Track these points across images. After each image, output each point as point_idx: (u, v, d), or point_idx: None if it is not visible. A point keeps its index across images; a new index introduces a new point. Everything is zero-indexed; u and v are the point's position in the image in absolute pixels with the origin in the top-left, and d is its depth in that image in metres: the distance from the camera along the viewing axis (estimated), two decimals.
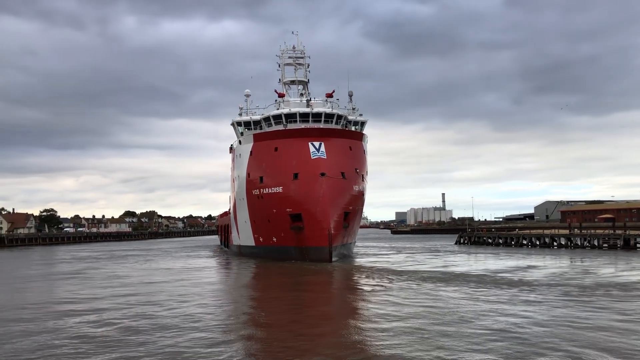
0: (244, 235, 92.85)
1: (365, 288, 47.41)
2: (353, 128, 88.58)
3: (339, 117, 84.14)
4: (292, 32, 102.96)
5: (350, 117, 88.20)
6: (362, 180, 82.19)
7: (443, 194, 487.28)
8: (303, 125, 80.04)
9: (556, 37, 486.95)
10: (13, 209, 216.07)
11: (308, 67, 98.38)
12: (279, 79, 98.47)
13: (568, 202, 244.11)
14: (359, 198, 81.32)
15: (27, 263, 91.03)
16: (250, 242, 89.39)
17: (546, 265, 64.48)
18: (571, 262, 70.26)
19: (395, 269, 62.89)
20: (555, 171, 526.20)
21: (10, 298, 45.26)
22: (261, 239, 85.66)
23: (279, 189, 76.75)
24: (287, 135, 78.58)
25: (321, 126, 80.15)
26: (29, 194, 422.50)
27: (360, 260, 77.51)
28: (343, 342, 25.68)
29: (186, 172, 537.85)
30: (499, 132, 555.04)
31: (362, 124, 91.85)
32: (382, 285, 48.08)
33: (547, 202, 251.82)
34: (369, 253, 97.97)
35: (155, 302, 39.44)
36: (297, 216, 75.25)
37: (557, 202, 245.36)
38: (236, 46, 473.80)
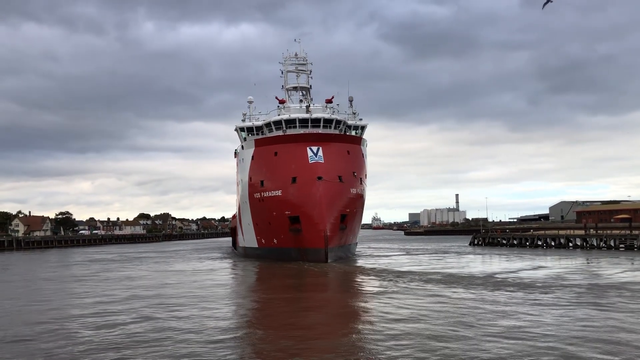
0: (248, 237, 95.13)
1: (350, 290, 48.65)
2: (353, 132, 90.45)
3: (338, 122, 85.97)
4: (295, 40, 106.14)
5: (350, 122, 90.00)
6: (361, 184, 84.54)
7: (457, 195, 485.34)
8: (302, 131, 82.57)
9: (573, 37, 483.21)
10: (29, 212, 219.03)
11: (310, 74, 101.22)
12: (282, 85, 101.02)
13: (583, 202, 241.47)
14: (357, 200, 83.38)
15: (43, 265, 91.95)
16: (254, 243, 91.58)
17: (553, 266, 63.94)
18: (584, 262, 69.61)
19: (391, 270, 63.49)
20: (571, 171, 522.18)
21: (26, 301, 45.56)
22: (263, 241, 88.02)
23: (279, 193, 79.45)
24: (287, 141, 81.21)
25: (320, 131, 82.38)
26: (45, 197, 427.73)
27: (359, 262, 78.42)
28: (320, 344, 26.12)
29: (200, 175, 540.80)
30: (514, 133, 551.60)
31: (362, 128, 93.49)
32: (366, 287, 49.46)
33: (562, 203, 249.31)
34: (374, 254, 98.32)
35: (162, 304, 39.82)
36: (295, 218, 77.81)
37: (573, 202, 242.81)
38: (252, 49, 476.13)
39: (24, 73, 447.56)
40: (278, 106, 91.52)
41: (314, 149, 78.01)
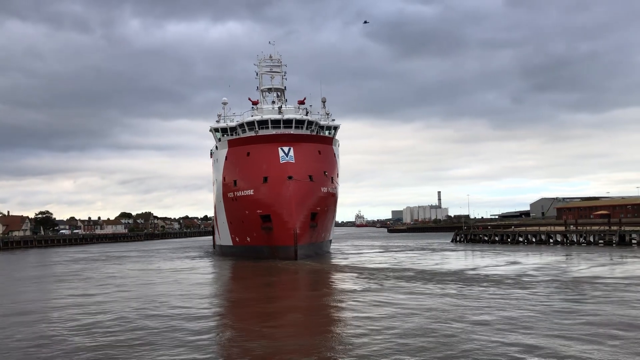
0: (223, 235, 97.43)
1: (315, 288, 49.89)
2: (326, 133, 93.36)
3: (310, 122, 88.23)
4: (270, 42, 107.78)
5: (322, 123, 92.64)
6: (332, 182, 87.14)
7: (439, 192, 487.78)
8: (274, 131, 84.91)
9: (557, 36, 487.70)
10: (8, 212, 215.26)
11: (285, 75, 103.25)
12: (257, 87, 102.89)
13: (564, 198, 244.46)
14: (328, 199, 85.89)
15: (23, 266, 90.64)
16: (229, 242, 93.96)
17: (526, 262, 65.25)
18: (558, 258, 70.64)
19: (361, 267, 65.25)
20: (552, 168, 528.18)
21: (6, 302, 44.93)
22: (237, 239, 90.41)
23: (251, 192, 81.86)
24: (259, 141, 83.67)
25: (292, 132, 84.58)
26: (26, 196, 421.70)
27: (331, 259, 80.00)
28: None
29: (184, 173, 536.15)
30: (498, 130, 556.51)
31: (335, 128, 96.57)
32: (331, 284, 51.06)
33: (543, 199, 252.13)
34: (350, 252, 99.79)
35: (136, 303, 39.95)
36: (267, 217, 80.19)
37: (553, 199, 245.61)
38: (239, 47, 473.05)
39: (7, 71, 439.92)
40: (252, 107, 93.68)
41: (285, 149, 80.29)
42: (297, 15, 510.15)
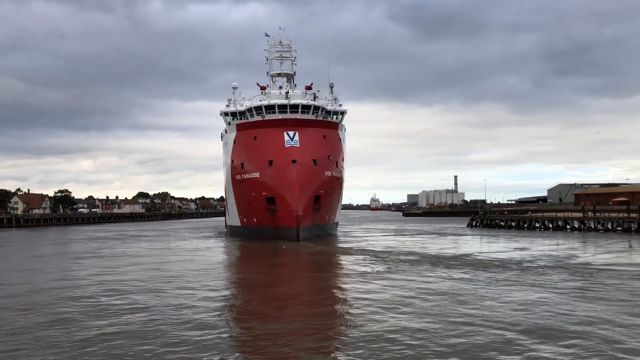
0: (232, 216, 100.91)
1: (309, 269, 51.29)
2: (333, 118, 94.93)
3: (316, 107, 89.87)
4: (280, 28, 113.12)
5: (329, 108, 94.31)
6: (337, 166, 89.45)
7: (455, 177, 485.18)
8: (281, 116, 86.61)
9: (581, 20, 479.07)
10: (28, 190, 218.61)
11: (295, 60, 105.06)
12: (267, 72, 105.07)
13: (582, 185, 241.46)
14: (332, 182, 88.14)
15: (43, 243, 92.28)
16: (237, 222, 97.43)
17: (534, 248, 65.05)
18: (570, 245, 70.06)
19: (364, 249, 65.81)
20: (572, 154, 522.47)
21: (25, 279, 45.73)
22: (245, 220, 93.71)
23: (257, 175, 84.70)
24: (266, 125, 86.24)
25: (298, 117, 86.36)
26: (46, 174, 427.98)
27: (333, 242, 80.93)
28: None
29: (201, 154, 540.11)
30: (518, 115, 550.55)
31: (342, 113, 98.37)
32: (328, 266, 52.13)
33: (561, 185, 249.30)
34: (358, 235, 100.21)
35: (143, 283, 40.41)
36: (271, 199, 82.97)
37: (571, 185, 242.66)
38: (261, 29, 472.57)
39: (29, 50, 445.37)
40: (261, 92, 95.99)
41: (291, 133, 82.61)
42: None
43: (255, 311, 29.75)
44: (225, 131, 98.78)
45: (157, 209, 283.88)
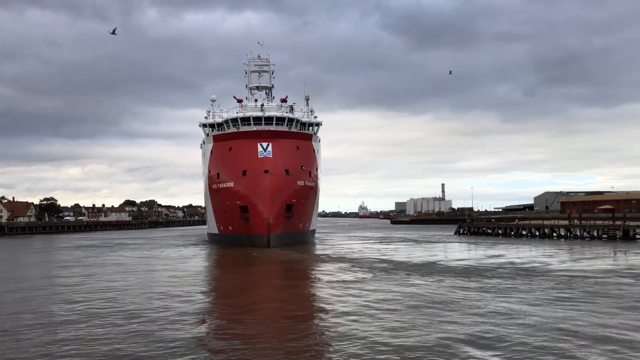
0: (211, 224, 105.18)
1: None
2: (308, 129, 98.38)
3: (290, 119, 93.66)
4: (258, 42, 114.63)
5: (304, 120, 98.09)
6: (310, 176, 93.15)
7: (442, 184, 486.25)
8: (256, 128, 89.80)
9: (571, 30, 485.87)
10: (13, 197, 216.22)
11: (273, 74, 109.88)
12: (246, 85, 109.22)
13: (568, 192, 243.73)
14: (305, 191, 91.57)
15: (27, 252, 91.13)
16: (215, 230, 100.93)
17: (508, 255, 66.76)
18: (547, 252, 71.10)
19: (329, 256, 67.89)
20: (559, 162, 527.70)
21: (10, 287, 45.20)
22: (222, 228, 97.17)
23: (231, 184, 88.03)
24: (240, 137, 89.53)
25: (272, 128, 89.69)
26: (32, 182, 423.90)
27: (306, 249, 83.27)
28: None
29: (191, 161, 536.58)
30: (507, 124, 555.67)
31: (317, 125, 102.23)
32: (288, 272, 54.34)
33: (547, 193, 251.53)
34: (334, 242, 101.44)
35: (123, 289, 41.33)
36: (245, 208, 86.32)
37: (557, 192, 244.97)
38: (255, 37, 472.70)
39: (23, 58, 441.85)
40: (237, 105, 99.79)
41: (264, 144, 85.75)
42: (314, 6, 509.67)
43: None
44: (204, 142, 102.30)
45: (144, 217, 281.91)
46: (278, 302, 36.19)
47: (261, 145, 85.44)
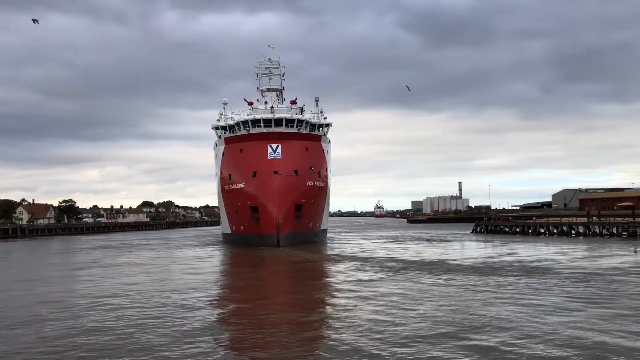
0: (224, 224, 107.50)
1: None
2: (318, 130, 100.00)
3: (300, 121, 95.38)
4: (269, 45, 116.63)
5: (314, 121, 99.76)
6: (319, 176, 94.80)
7: (459, 183, 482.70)
8: (266, 130, 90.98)
9: (590, 26, 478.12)
10: (33, 200, 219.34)
11: (283, 76, 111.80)
12: (257, 87, 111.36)
13: (587, 189, 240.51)
14: (314, 191, 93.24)
15: (47, 252, 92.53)
16: (229, 230, 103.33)
17: (517, 253, 66.89)
18: (562, 249, 70.51)
19: (346, 255, 68.19)
20: (578, 159, 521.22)
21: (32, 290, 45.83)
22: (234, 228, 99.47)
23: (242, 185, 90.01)
24: (251, 139, 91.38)
25: (281, 130, 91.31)
26: (52, 184, 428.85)
27: (315, 248, 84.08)
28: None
29: (207, 163, 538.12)
30: (525, 121, 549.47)
31: (326, 126, 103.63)
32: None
33: (565, 190, 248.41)
34: (347, 242, 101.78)
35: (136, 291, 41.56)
36: (255, 208, 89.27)
37: (576, 190, 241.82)
38: (272, 39, 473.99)
39: (44, 62, 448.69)
40: (248, 107, 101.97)
41: (274, 146, 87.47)
42: (331, 6, 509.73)
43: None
44: (216, 144, 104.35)
45: (162, 217, 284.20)
46: (285, 304, 36.24)
47: (271, 146, 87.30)
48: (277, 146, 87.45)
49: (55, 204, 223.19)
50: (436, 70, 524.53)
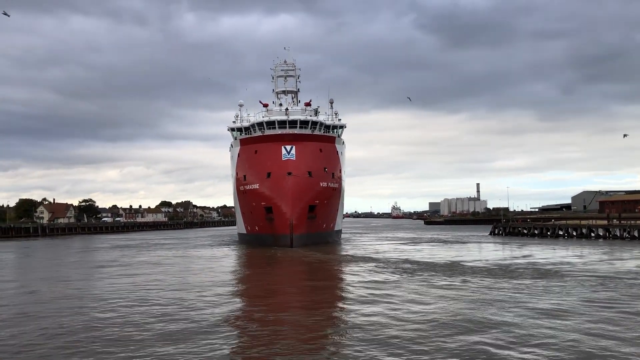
0: (240, 224, 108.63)
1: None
2: (332, 132, 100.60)
3: (314, 123, 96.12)
4: (284, 48, 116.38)
5: (328, 123, 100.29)
6: (333, 178, 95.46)
7: (477, 184, 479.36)
8: (280, 131, 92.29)
9: (612, 26, 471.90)
10: (54, 199, 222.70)
11: (298, 78, 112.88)
12: (273, 89, 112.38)
13: (607, 192, 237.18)
14: (328, 192, 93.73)
15: (68, 251, 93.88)
16: (244, 230, 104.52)
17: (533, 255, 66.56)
18: (579, 252, 69.90)
19: (359, 256, 68.24)
20: (598, 161, 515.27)
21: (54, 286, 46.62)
22: (249, 228, 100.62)
23: (257, 186, 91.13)
24: (265, 140, 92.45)
25: (296, 131, 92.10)
26: (73, 184, 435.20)
27: (327, 249, 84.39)
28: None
29: (225, 163, 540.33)
30: (544, 122, 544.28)
31: (341, 127, 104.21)
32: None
33: (585, 192, 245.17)
34: (360, 243, 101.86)
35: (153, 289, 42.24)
36: (269, 209, 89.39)
37: (596, 192, 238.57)
38: (290, 40, 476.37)
39: (66, 64, 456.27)
40: (264, 109, 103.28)
41: (288, 147, 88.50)
42: (349, 7, 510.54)
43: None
44: (232, 145, 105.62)
45: (180, 217, 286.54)
46: (299, 305, 36.46)
47: (285, 148, 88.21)
48: (291, 147, 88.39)
49: (75, 203, 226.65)
50: (454, 70, 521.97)
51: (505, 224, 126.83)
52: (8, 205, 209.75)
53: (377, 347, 23.17)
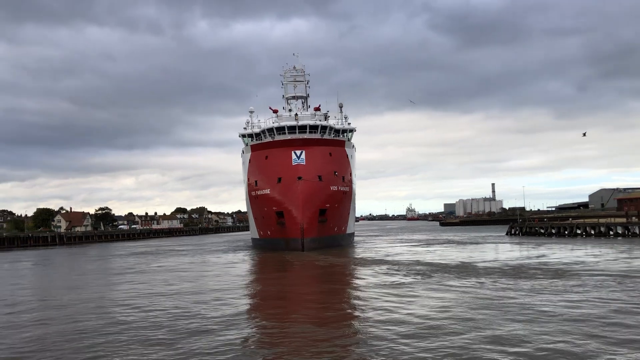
0: (252, 229, 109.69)
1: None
2: (342, 136, 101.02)
3: (323, 127, 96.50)
4: (294, 54, 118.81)
5: (338, 127, 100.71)
6: (343, 181, 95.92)
7: (493, 184, 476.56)
8: (290, 136, 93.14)
9: (628, 21, 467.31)
10: (70, 208, 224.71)
11: (308, 84, 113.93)
12: (282, 95, 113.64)
13: (625, 189, 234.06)
14: (338, 196, 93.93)
15: (86, 259, 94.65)
16: (256, 235, 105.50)
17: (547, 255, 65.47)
18: (597, 251, 68.89)
19: (372, 260, 67.90)
20: (616, 158, 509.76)
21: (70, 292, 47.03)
22: (261, 233, 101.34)
23: (267, 191, 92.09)
24: (276, 146, 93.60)
25: (305, 136, 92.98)
26: (89, 193, 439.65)
27: (339, 252, 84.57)
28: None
29: (238, 169, 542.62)
30: (560, 120, 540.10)
31: (351, 131, 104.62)
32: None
33: (603, 190, 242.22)
34: (374, 246, 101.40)
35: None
36: (280, 213, 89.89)
37: (613, 189, 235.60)
38: (303, 44, 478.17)
39: (81, 73, 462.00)
40: (274, 115, 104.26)
41: (298, 152, 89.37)
42: (361, 10, 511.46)
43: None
44: (243, 151, 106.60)
45: (195, 223, 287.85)
46: (312, 307, 36.35)
47: (295, 153, 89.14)
48: (301, 152, 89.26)
49: (92, 211, 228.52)
50: (468, 70, 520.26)
51: (521, 223, 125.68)
52: (26, 215, 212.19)
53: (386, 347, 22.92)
